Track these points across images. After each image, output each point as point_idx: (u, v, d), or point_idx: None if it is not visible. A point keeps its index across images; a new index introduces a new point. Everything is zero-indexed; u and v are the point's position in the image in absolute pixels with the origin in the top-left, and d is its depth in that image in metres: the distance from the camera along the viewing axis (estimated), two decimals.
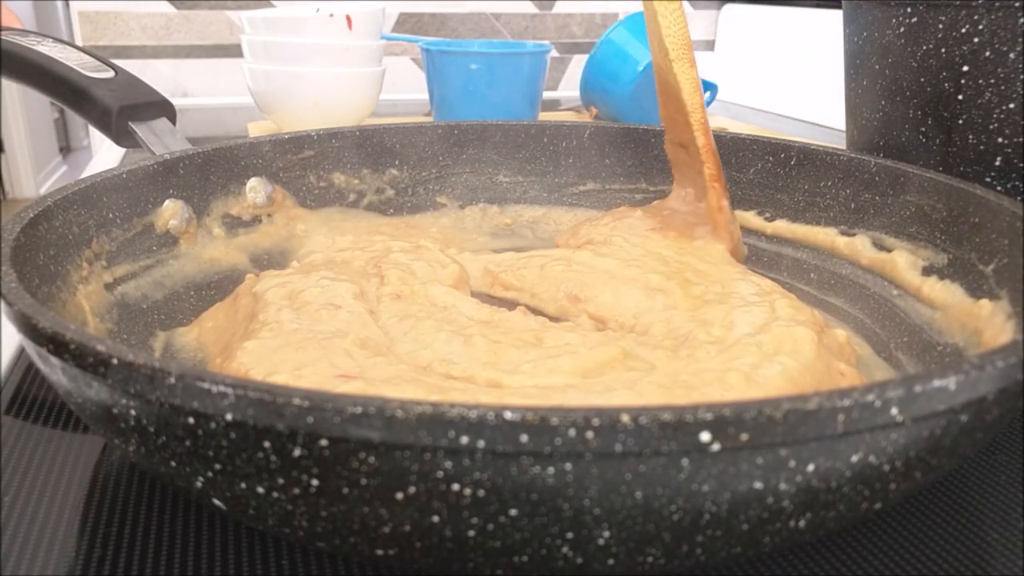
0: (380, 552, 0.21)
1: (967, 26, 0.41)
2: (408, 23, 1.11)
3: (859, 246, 0.43)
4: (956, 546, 0.26)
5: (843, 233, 0.45)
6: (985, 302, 0.34)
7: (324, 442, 0.18)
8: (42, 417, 0.33)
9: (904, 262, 0.40)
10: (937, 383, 0.19)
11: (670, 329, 0.36)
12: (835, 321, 0.42)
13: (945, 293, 0.37)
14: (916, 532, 0.27)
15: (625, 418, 0.17)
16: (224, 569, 0.25)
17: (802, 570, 0.25)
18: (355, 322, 0.34)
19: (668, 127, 0.47)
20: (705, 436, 0.17)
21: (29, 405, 0.34)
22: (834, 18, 0.97)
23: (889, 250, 0.42)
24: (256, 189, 0.47)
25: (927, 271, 0.39)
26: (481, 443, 0.17)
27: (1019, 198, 0.43)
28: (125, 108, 0.45)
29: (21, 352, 0.39)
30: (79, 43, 1.01)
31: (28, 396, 0.35)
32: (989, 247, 0.35)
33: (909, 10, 0.43)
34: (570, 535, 0.19)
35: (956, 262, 0.37)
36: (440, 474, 0.18)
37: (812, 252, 0.46)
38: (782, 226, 0.48)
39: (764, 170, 0.49)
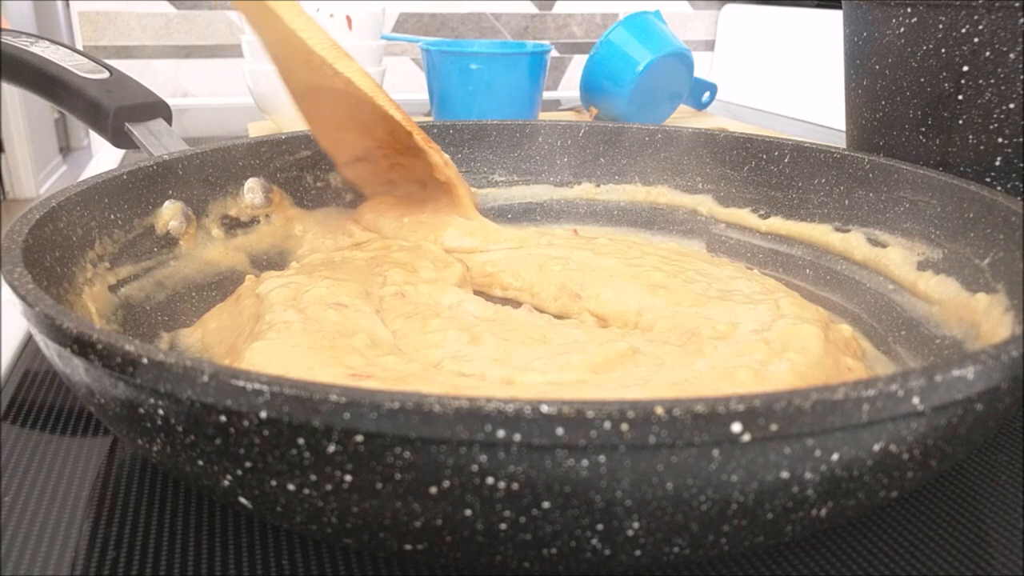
0: (409, 547, 0.21)
1: (967, 26, 0.42)
2: (408, 23, 1.10)
3: (853, 242, 0.44)
4: (956, 546, 0.26)
5: (837, 229, 0.45)
6: (982, 296, 0.34)
7: (360, 438, 0.18)
8: (41, 420, 0.33)
9: (899, 257, 0.41)
10: (956, 372, 0.20)
11: (675, 325, 0.36)
12: (833, 317, 0.42)
13: (941, 288, 0.37)
14: (917, 531, 0.27)
15: (659, 410, 0.17)
16: (224, 569, 0.25)
17: (802, 569, 0.25)
18: (363, 321, 0.34)
19: (336, 149, 0.46)
20: (736, 427, 0.18)
21: (28, 409, 0.34)
22: (834, 18, 0.98)
23: (884, 246, 0.42)
24: (254, 190, 0.46)
25: (922, 266, 0.39)
26: (517, 436, 0.18)
27: (1019, 198, 0.43)
28: (121, 109, 0.45)
29: (19, 356, 0.38)
30: (79, 43, 0.99)
31: (28, 400, 0.35)
32: (984, 241, 0.36)
33: (909, 10, 0.44)
34: (600, 527, 0.20)
35: (951, 257, 0.38)
36: (475, 468, 0.18)
37: (807, 248, 0.46)
38: (777, 223, 0.48)
39: (758, 168, 0.49)
